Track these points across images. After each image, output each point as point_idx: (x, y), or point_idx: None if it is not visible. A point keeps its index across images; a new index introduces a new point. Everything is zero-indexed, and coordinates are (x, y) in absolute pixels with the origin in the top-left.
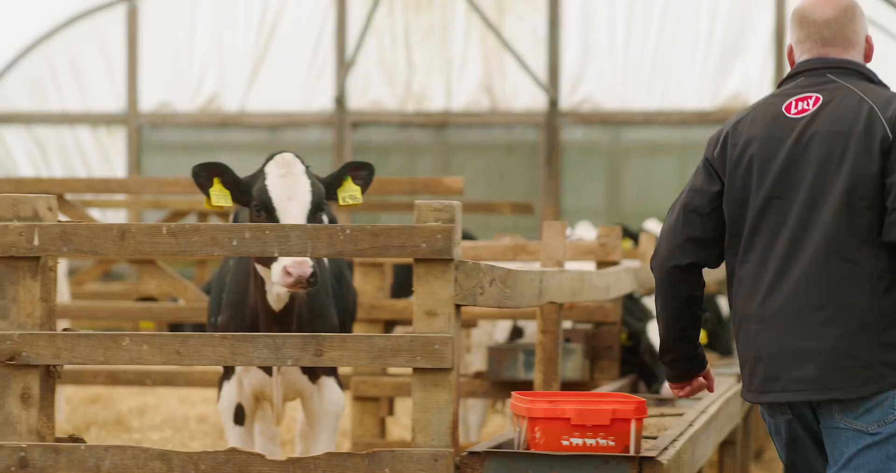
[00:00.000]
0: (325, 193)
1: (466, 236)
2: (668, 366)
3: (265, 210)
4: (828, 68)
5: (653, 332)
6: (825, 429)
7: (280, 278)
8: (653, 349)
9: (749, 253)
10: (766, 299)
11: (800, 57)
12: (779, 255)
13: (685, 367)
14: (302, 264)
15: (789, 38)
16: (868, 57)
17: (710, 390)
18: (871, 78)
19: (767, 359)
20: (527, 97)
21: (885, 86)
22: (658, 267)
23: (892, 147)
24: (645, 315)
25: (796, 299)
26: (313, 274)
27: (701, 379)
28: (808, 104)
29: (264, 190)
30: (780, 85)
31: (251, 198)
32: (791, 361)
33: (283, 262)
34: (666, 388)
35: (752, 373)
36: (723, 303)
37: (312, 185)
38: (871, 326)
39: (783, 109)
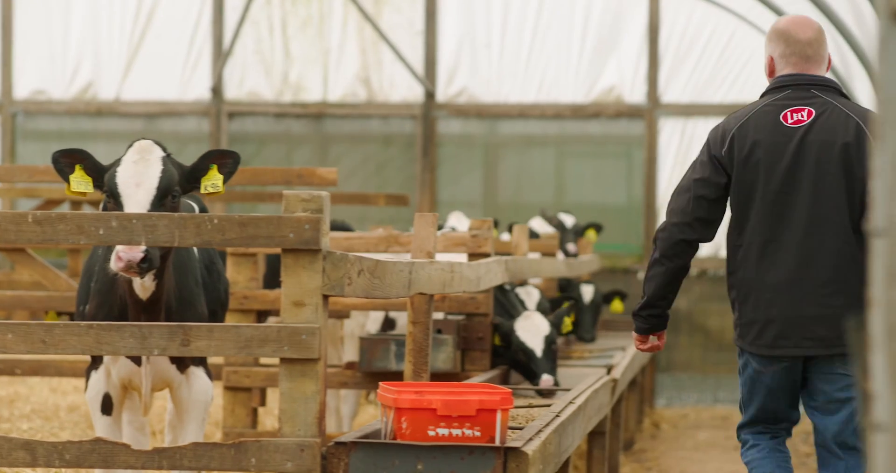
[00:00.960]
0: (177, 179)
1: (344, 228)
2: (643, 320)
3: (112, 196)
4: (811, 84)
5: (521, 331)
6: (823, 375)
7: (113, 262)
8: (524, 347)
9: (756, 235)
10: (779, 273)
11: (783, 70)
12: (790, 239)
13: (656, 322)
14: (132, 249)
15: (770, 52)
16: (827, 69)
17: (661, 348)
18: (843, 93)
19: (782, 321)
20: (404, 89)
21: (853, 98)
22: (666, 239)
23: None
24: (516, 310)
25: (808, 275)
26: (144, 259)
27: (656, 339)
28: (802, 116)
29: (113, 176)
30: (765, 94)
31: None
32: (804, 324)
33: (117, 247)
34: (545, 378)
35: (761, 332)
36: (585, 291)
37: (163, 172)
38: (864, 298)
39: (781, 119)
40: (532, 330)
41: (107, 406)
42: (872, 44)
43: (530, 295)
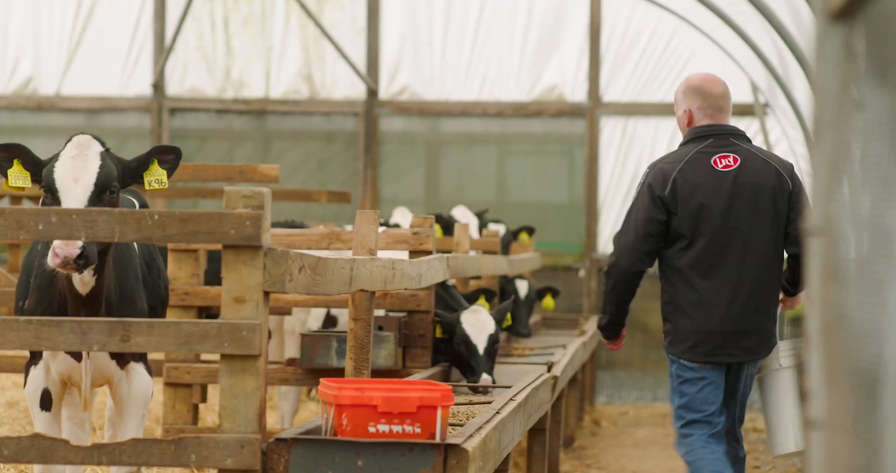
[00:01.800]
0: (115, 174)
1: (293, 225)
2: (608, 330)
3: (49, 191)
4: (728, 134)
5: (467, 324)
6: (743, 376)
7: (50, 259)
8: (468, 341)
9: (701, 261)
10: (719, 293)
11: (701, 121)
12: (729, 266)
13: (618, 329)
14: (69, 245)
15: (687, 106)
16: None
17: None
18: (749, 140)
19: (719, 334)
20: (346, 86)
21: (764, 137)
22: (623, 272)
23: (793, 195)
24: (459, 304)
25: (741, 296)
26: (81, 255)
27: (624, 332)
28: (730, 161)
29: (51, 171)
30: (689, 141)
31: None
32: (737, 336)
33: (54, 243)
34: (484, 378)
35: (700, 342)
36: (520, 286)
37: (101, 167)
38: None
39: (712, 163)
40: (478, 326)
41: (46, 402)
42: (810, 44)
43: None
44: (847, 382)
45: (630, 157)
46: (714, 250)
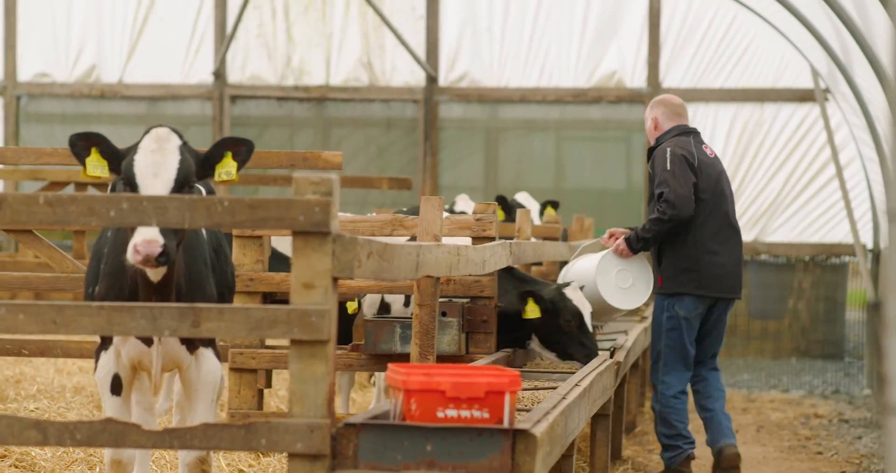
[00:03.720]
0: (194, 170)
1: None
2: (643, 247)
3: (129, 185)
4: (695, 132)
5: (575, 299)
6: (723, 315)
7: (130, 254)
8: (581, 316)
9: (706, 218)
10: (722, 244)
11: (668, 123)
12: (724, 222)
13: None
14: (151, 244)
15: (653, 113)
16: None
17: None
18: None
19: (725, 275)
20: (406, 73)
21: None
22: (678, 217)
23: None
24: (528, 282)
25: (734, 249)
26: (162, 253)
27: None
28: (710, 151)
29: (131, 165)
30: (680, 134)
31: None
32: (736, 276)
33: (135, 239)
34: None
35: (717, 285)
36: None
37: (181, 162)
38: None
39: (704, 150)
40: (583, 303)
41: (116, 387)
42: (874, 31)
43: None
44: None
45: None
46: (717, 214)
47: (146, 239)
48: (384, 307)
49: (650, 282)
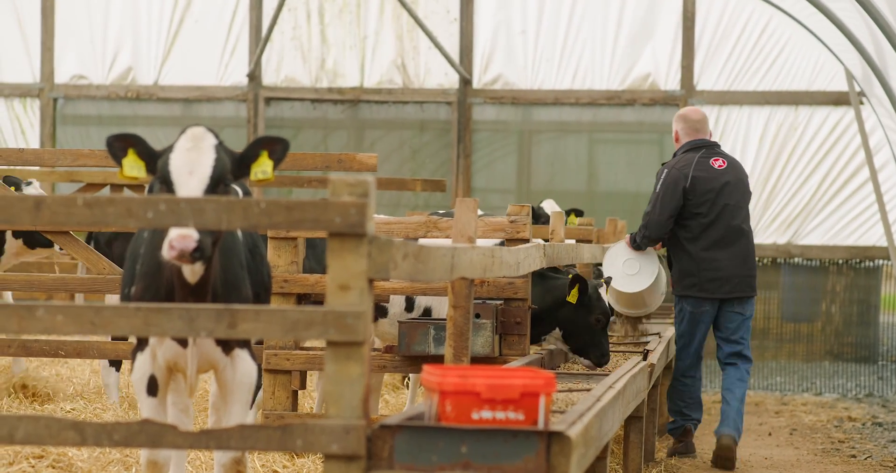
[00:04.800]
0: (230, 168)
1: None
2: (638, 248)
3: (164, 184)
4: (713, 145)
5: (608, 299)
6: (735, 311)
7: (165, 250)
8: (607, 311)
9: (704, 230)
10: (724, 249)
11: (685, 138)
12: (727, 230)
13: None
14: (185, 239)
15: (676, 127)
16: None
17: None
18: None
19: (726, 278)
20: (439, 75)
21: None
22: (650, 237)
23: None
24: (557, 274)
25: (735, 256)
26: (196, 249)
27: None
28: (721, 163)
29: (166, 163)
30: (689, 150)
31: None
32: (739, 278)
33: (170, 236)
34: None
35: (718, 287)
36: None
37: (217, 160)
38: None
39: (712, 164)
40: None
41: (152, 388)
42: None
43: None
44: None
45: (723, 145)
46: (713, 222)
47: (181, 234)
48: (410, 308)
49: (655, 271)
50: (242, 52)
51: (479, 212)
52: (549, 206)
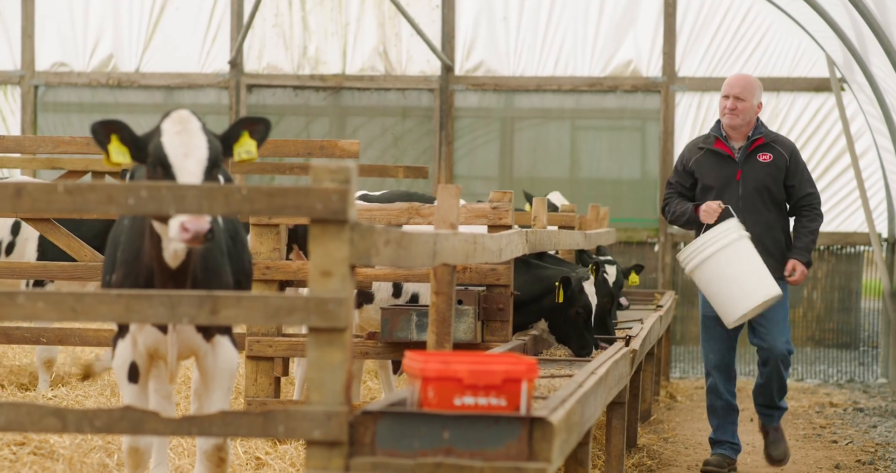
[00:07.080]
0: (221, 149)
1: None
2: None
3: (161, 167)
4: None
5: (590, 292)
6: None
7: (177, 233)
8: (588, 305)
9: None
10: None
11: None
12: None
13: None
14: (199, 220)
15: (762, 98)
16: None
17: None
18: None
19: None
20: (421, 62)
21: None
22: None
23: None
24: (567, 265)
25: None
26: (210, 230)
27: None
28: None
29: (160, 147)
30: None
31: (147, 155)
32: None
33: (181, 218)
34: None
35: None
36: (610, 271)
37: (209, 141)
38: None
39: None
40: (594, 296)
41: (133, 375)
42: (890, 20)
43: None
44: None
45: (705, 132)
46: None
47: (194, 216)
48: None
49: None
50: (224, 39)
51: (462, 201)
52: (557, 198)
